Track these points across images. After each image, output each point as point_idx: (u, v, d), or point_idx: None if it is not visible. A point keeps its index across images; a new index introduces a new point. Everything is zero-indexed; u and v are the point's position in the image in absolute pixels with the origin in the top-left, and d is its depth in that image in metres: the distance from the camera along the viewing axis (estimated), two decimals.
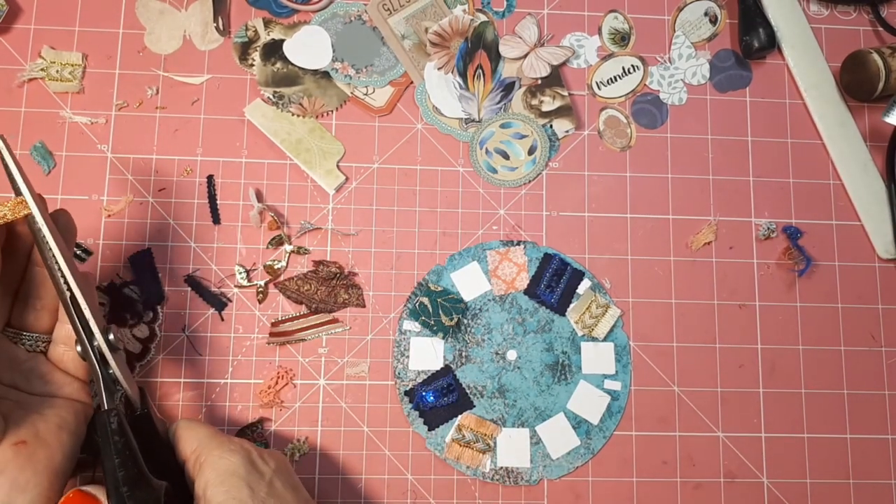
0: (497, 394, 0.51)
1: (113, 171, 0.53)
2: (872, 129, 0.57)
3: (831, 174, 0.56)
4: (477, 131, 0.55)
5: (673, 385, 0.53)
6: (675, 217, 0.55)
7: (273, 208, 0.53)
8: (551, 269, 0.53)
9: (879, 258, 0.55)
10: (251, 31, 0.55)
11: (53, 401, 0.41)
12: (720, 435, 0.52)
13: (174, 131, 0.54)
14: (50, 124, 0.53)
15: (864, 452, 0.53)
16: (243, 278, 0.52)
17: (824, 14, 0.59)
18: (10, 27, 0.54)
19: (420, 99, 0.55)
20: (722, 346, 0.53)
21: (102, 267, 0.51)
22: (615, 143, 0.56)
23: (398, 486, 0.50)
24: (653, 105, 0.56)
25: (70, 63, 0.53)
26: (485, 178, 0.54)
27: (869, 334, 0.54)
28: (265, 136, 0.54)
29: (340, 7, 0.56)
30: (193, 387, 0.51)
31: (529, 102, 0.55)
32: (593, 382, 0.52)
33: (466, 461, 0.50)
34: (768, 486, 0.52)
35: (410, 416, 0.51)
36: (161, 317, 0.51)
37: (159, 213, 0.53)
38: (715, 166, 0.56)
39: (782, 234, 0.55)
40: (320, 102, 0.54)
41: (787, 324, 0.54)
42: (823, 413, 0.53)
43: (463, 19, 0.55)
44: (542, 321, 0.52)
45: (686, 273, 0.54)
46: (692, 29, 0.57)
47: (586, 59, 0.57)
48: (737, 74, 0.57)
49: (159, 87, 0.54)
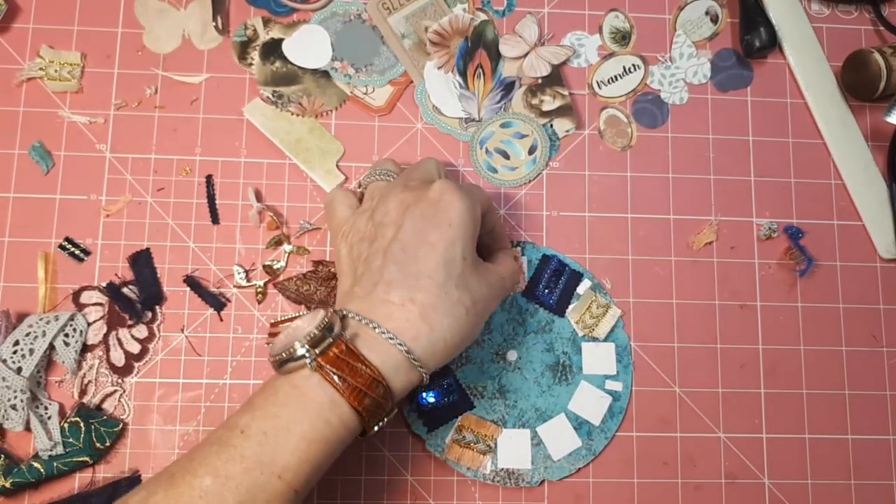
0: (497, 394, 0.51)
1: (112, 170, 0.53)
2: (874, 129, 0.57)
3: (832, 174, 0.56)
4: (477, 131, 0.55)
5: (674, 385, 0.52)
6: (676, 217, 0.55)
7: (272, 208, 0.53)
8: (550, 270, 0.53)
9: (881, 258, 0.55)
10: (250, 30, 0.55)
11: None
12: (721, 435, 0.52)
13: (173, 131, 0.53)
14: (48, 124, 0.53)
15: (866, 453, 0.53)
16: (242, 278, 0.52)
17: (825, 13, 0.58)
18: (9, 26, 0.54)
19: (420, 98, 0.55)
20: (723, 347, 0.53)
21: (101, 267, 0.51)
22: (616, 142, 0.55)
23: (398, 486, 0.50)
24: (653, 104, 0.56)
25: (69, 62, 0.53)
26: (485, 178, 0.54)
27: (870, 334, 0.54)
28: (264, 136, 0.53)
29: (340, 6, 0.55)
30: (193, 387, 0.50)
31: (530, 102, 0.55)
32: (594, 383, 0.52)
33: (467, 462, 0.50)
34: (769, 487, 0.52)
35: (410, 416, 0.51)
36: (160, 317, 0.51)
37: (158, 213, 0.52)
38: (716, 166, 0.56)
39: (783, 234, 0.55)
40: (320, 102, 0.54)
41: (789, 324, 0.54)
42: (825, 413, 0.53)
43: (463, 18, 0.55)
44: (543, 321, 0.52)
45: (687, 273, 0.54)
46: (693, 28, 0.57)
47: (587, 58, 0.56)
48: (738, 74, 0.57)
49: (158, 87, 0.54)
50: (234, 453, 0.36)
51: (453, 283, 0.41)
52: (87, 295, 0.51)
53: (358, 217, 0.44)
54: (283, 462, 0.36)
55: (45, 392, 0.49)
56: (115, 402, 0.50)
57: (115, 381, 0.50)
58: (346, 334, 0.39)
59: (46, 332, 0.48)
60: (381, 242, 0.42)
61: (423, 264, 0.40)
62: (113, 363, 0.50)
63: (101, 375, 0.50)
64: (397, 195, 0.43)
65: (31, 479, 0.47)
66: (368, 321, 0.39)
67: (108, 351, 0.50)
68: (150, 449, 0.49)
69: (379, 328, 0.39)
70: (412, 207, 0.42)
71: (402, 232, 0.41)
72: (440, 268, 0.40)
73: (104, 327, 0.50)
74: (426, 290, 0.40)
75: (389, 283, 0.40)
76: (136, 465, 0.49)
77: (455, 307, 0.40)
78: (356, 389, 0.37)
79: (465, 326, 0.41)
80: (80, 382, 0.50)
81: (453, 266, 0.41)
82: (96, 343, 0.50)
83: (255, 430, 0.37)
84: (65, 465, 0.47)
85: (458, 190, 0.42)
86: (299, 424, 0.37)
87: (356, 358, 0.38)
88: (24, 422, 0.47)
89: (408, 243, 0.41)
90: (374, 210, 0.44)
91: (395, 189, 0.44)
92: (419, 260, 0.40)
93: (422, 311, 0.40)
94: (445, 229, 0.41)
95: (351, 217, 0.45)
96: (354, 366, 0.38)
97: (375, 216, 0.43)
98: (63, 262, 0.51)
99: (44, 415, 0.48)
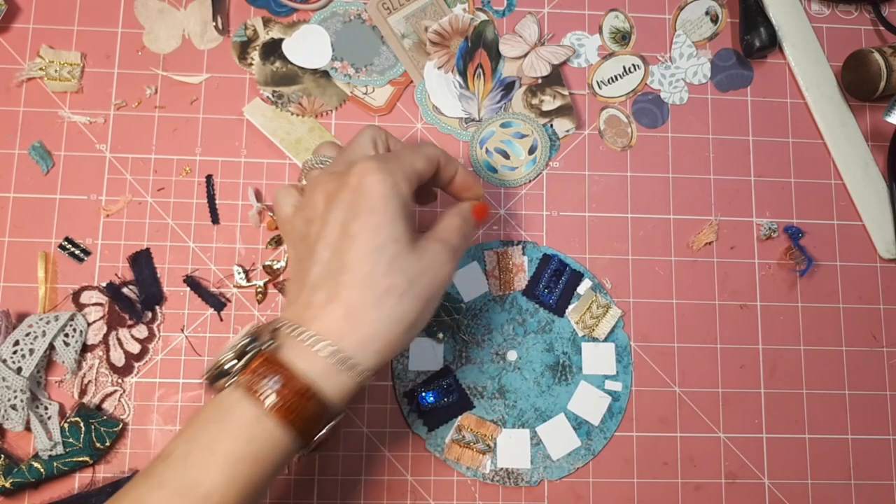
0: (497, 394, 0.51)
1: (112, 170, 0.53)
2: (874, 129, 0.57)
3: (832, 174, 0.56)
4: (477, 131, 0.55)
5: (674, 385, 0.52)
6: (676, 217, 0.55)
7: (272, 208, 0.53)
8: (550, 270, 0.53)
9: (881, 258, 0.55)
10: (250, 30, 0.55)
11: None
12: (721, 436, 0.52)
13: (173, 131, 0.53)
14: (48, 124, 0.53)
15: (866, 453, 0.53)
16: (242, 278, 0.52)
17: (825, 13, 0.58)
18: (9, 26, 0.54)
19: (420, 98, 0.55)
20: (723, 347, 0.53)
21: (101, 267, 0.51)
22: (616, 142, 0.55)
23: (398, 487, 0.50)
24: (654, 104, 0.56)
25: (69, 62, 0.53)
26: (485, 178, 0.54)
27: (870, 334, 0.54)
28: (264, 136, 0.53)
29: (340, 6, 0.55)
30: (193, 387, 0.50)
31: (530, 102, 0.55)
32: (594, 383, 0.52)
33: (466, 462, 0.50)
34: (769, 487, 0.52)
35: (410, 416, 0.51)
36: (160, 317, 0.51)
37: (158, 213, 0.52)
38: (716, 166, 0.55)
39: (783, 234, 0.55)
40: (320, 102, 0.54)
41: (789, 324, 0.54)
42: (825, 413, 0.53)
43: (463, 18, 0.55)
44: (543, 321, 0.52)
45: (687, 273, 0.54)
46: (693, 28, 0.57)
47: (587, 58, 0.56)
48: (738, 74, 0.57)
49: (158, 87, 0.54)
50: (155, 481, 0.35)
51: (381, 270, 0.37)
52: (87, 295, 0.51)
53: (296, 215, 0.41)
54: (208, 485, 0.34)
55: (45, 392, 0.49)
56: (115, 402, 0.50)
57: (115, 381, 0.50)
58: (272, 344, 0.37)
59: (46, 332, 0.48)
60: (310, 241, 0.39)
61: (345, 258, 0.37)
62: (113, 363, 0.50)
63: (101, 375, 0.50)
64: (324, 185, 0.40)
65: (31, 479, 0.47)
66: (294, 327, 0.37)
67: (108, 351, 0.50)
68: (150, 449, 0.49)
69: (304, 333, 0.36)
70: (335, 197, 0.39)
71: (325, 227, 0.38)
72: (364, 258, 0.37)
73: (104, 327, 0.50)
74: (348, 285, 0.37)
75: (315, 285, 0.38)
76: (136, 465, 0.49)
77: (385, 297, 0.37)
78: (280, 401, 0.35)
79: (404, 313, 0.38)
80: (80, 382, 0.50)
81: (381, 253, 0.37)
82: (96, 343, 0.50)
83: (178, 454, 0.35)
84: (65, 465, 0.47)
85: (377, 170, 0.38)
86: (222, 443, 0.35)
87: (277, 368, 0.36)
88: (24, 422, 0.47)
89: (331, 239, 0.38)
90: (304, 205, 0.41)
91: (323, 178, 0.40)
92: (342, 254, 0.38)
93: (345, 308, 0.37)
94: (367, 217, 0.38)
95: (292, 216, 0.42)
96: (277, 377, 0.36)
97: (306, 211, 0.40)
98: (63, 262, 0.51)
99: (44, 415, 0.48)
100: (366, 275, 0.37)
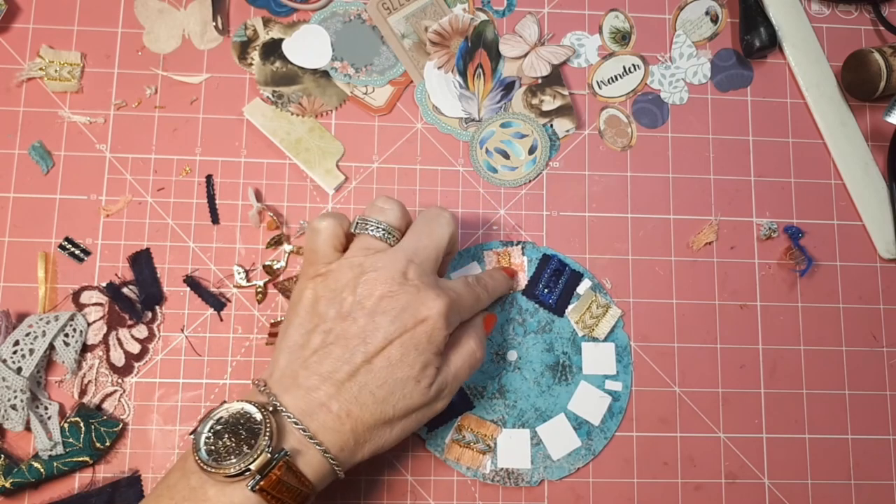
0: (497, 394, 0.51)
1: (112, 170, 0.53)
2: (874, 129, 0.57)
3: (832, 174, 0.56)
4: (477, 131, 0.55)
5: (674, 386, 0.52)
6: (676, 217, 0.55)
7: (272, 208, 0.53)
8: (550, 270, 0.53)
9: (881, 258, 0.55)
10: (250, 30, 0.55)
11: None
12: (721, 436, 0.52)
13: (173, 131, 0.53)
14: (48, 124, 0.53)
15: (866, 453, 0.53)
16: (242, 278, 0.52)
17: (825, 13, 0.58)
18: (9, 26, 0.54)
19: (420, 98, 0.55)
20: (723, 347, 0.53)
21: (101, 267, 0.51)
22: (616, 142, 0.55)
23: (398, 487, 0.50)
24: (654, 104, 0.56)
25: (69, 62, 0.53)
26: (485, 178, 0.54)
27: (870, 334, 0.54)
28: (264, 136, 0.53)
29: (340, 6, 0.55)
30: (192, 387, 0.50)
31: (530, 102, 0.55)
32: (594, 383, 0.52)
33: (466, 462, 0.50)
34: (769, 487, 0.52)
35: None
36: (160, 317, 0.51)
37: (158, 213, 0.52)
38: (716, 166, 0.56)
39: (784, 234, 0.55)
40: (320, 102, 0.54)
41: (789, 324, 0.54)
42: (825, 414, 0.53)
43: (463, 18, 0.55)
44: (543, 321, 0.52)
45: (687, 273, 0.54)
46: (693, 28, 0.57)
47: (587, 58, 0.56)
48: (738, 74, 0.57)
49: (158, 87, 0.54)
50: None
51: (394, 399, 0.39)
52: (87, 295, 0.51)
53: (341, 269, 0.40)
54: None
55: (45, 392, 0.49)
56: (115, 402, 0.50)
57: (115, 381, 0.50)
58: (287, 449, 0.37)
59: (46, 332, 0.48)
60: (348, 327, 0.39)
61: (372, 378, 0.38)
62: (113, 363, 0.50)
63: (101, 375, 0.50)
64: (390, 282, 0.39)
65: (31, 479, 0.47)
66: (304, 429, 0.37)
67: (108, 351, 0.50)
68: (150, 449, 0.49)
69: (315, 442, 0.37)
70: (396, 314, 0.39)
71: (371, 335, 0.39)
72: (386, 386, 0.38)
73: (104, 327, 0.50)
74: (365, 406, 0.38)
75: (337, 387, 0.38)
76: (136, 465, 0.49)
77: (386, 427, 0.40)
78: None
79: (392, 439, 0.40)
80: (80, 382, 0.50)
81: (405, 386, 0.39)
82: (96, 343, 0.50)
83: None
84: (65, 465, 0.47)
85: (445, 326, 0.40)
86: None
87: (297, 479, 0.36)
88: (24, 422, 0.47)
89: (372, 351, 0.38)
90: (357, 279, 0.40)
91: (390, 272, 0.39)
92: (372, 373, 0.38)
93: (354, 426, 0.38)
94: (414, 356, 0.39)
95: (333, 262, 0.41)
96: (291, 485, 0.36)
97: (358, 288, 0.39)
98: (63, 262, 0.51)
99: (44, 415, 0.48)
100: (383, 400, 0.39)
